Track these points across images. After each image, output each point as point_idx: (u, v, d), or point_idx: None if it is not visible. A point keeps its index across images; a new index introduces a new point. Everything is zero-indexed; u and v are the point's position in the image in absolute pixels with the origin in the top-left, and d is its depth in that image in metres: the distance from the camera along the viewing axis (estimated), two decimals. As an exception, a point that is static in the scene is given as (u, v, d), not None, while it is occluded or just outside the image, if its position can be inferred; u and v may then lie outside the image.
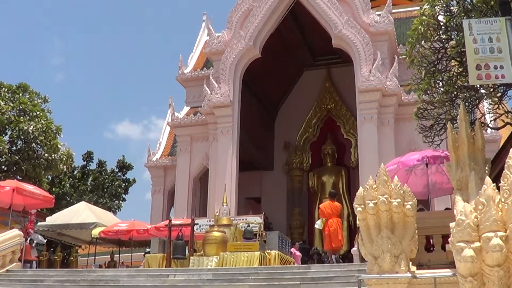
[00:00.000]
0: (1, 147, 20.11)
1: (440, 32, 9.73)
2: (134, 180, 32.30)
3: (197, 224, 14.55)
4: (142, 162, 35.40)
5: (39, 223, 17.91)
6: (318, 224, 14.92)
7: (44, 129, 21.27)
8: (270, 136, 25.06)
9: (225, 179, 18.83)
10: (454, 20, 9.51)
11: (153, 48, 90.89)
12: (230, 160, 19.33)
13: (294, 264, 14.28)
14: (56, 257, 20.18)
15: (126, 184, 31.97)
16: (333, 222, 14.27)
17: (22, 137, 21.10)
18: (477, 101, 9.98)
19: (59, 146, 21.87)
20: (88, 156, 31.85)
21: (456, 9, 9.55)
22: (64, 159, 21.99)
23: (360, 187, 7.70)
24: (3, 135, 20.85)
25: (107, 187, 30.75)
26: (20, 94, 22.12)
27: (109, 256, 21.24)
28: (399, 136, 18.94)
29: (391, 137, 18.70)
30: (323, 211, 14.55)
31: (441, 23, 9.79)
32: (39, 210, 17.19)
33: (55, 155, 21.43)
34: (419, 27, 9.75)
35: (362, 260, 13.66)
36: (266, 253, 12.82)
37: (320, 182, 23.82)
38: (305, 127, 24.84)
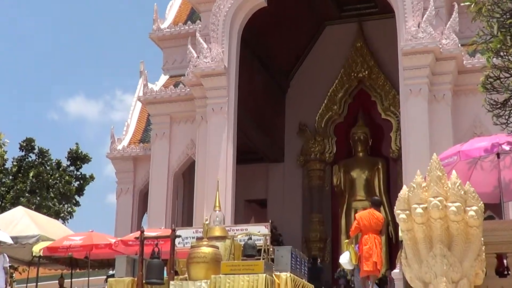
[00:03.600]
0: None
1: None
2: (91, 177, 32.27)
3: (179, 236, 14.51)
4: (103, 152, 35.43)
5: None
6: (344, 260, 14.69)
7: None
8: (280, 115, 25.11)
9: (217, 174, 18.81)
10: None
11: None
12: (225, 149, 19.35)
13: (313, 291, 14.25)
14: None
15: (81, 182, 31.93)
16: (368, 239, 14.18)
17: None
18: None
19: (-15, 131, 21.81)
20: (28, 145, 31.77)
21: None
22: (-7, 148, 21.93)
23: (404, 186, 7.68)
24: None
25: (54, 185, 30.72)
26: None
27: (57, 281, 21.19)
28: (459, 116, 18.94)
29: (447, 116, 18.69)
30: (358, 223, 14.42)
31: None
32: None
33: (-20, 143, 21.36)
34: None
35: (407, 286, 13.67)
36: (274, 276, 12.80)
37: (349, 178, 23.90)
38: (328, 103, 24.87)
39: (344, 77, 24.82)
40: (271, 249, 13.94)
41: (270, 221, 16.23)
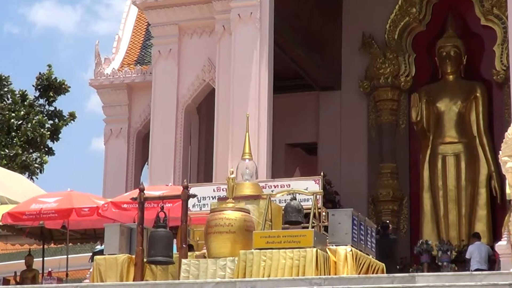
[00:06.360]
0: None
1: None
2: (71, 115, 32.51)
3: (194, 196, 14.56)
4: (85, 79, 35.55)
5: None
6: None
7: None
8: (335, 25, 25.04)
9: (247, 108, 18.85)
10: None
11: None
12: (257, 72, 19.37)
13: (383, 270, 14.20)
14: None
15: (55, 121, 32.21)
16: None
17: None
18: None
19: None
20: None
21: None
22: None
23: (513, 122, 7.45)
24: None
25: (19, 127, 30.98)
26: None
27: (23, 261, 21.45)
28: None
29: None
30: None
31: None
32: None
33: None
34: None
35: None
36: (328, 250, 12.91)
37: (434, 112, 23.92)
38: (403, 4, 24.80)
39: (426, -33, 24.57)
40: (324, 213, 13.90)
41: (322, 173, 16.18)
